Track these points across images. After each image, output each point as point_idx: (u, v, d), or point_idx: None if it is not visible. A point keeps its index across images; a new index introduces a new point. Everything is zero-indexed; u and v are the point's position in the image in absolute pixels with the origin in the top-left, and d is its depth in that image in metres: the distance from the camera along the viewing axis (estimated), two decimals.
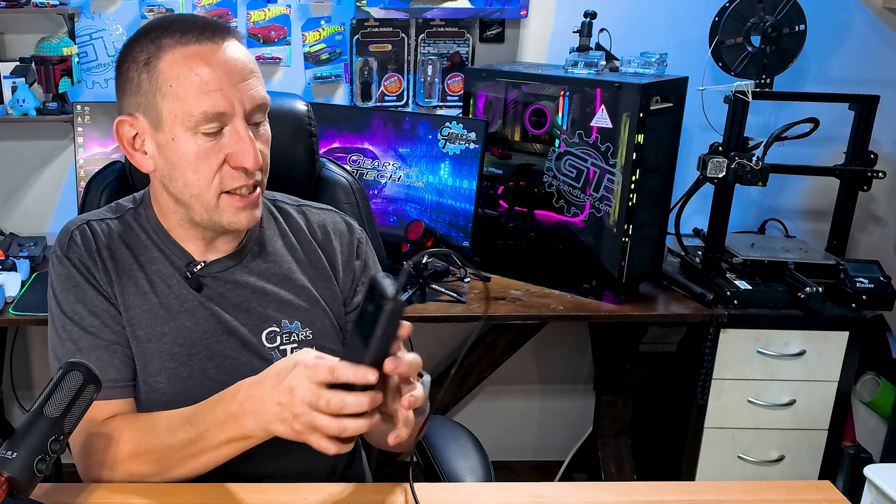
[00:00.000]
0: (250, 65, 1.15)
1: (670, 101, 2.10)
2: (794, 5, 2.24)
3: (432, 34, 2.50)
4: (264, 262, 1.28)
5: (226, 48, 1.13)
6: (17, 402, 2.66)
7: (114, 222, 1.26)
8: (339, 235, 1.33)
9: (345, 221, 1.35)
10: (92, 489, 1.13)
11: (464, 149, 2.21)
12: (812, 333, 2.20)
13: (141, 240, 1.25)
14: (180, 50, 1.12)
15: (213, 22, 1.16)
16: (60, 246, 1.23)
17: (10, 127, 2.45)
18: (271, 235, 1.30)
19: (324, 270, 1.30)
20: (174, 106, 1.12)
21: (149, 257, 1.24)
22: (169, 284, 1.23)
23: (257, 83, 1.15)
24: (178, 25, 1.14)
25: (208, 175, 1.14)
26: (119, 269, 1.22)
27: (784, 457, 2.30)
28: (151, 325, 1.21)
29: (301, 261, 1.30)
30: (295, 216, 1.34)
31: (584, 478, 2.79)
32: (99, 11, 2.40)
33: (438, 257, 2.20)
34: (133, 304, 1.21)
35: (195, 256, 1.24)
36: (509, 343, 2.65)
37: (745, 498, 1.16)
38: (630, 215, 2.08)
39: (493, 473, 1.43)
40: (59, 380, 0.98)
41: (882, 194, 2.65)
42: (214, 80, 1.11)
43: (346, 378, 0.96)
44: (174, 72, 1.11)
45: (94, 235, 1.24)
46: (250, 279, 1.26)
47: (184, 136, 1.13)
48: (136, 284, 1.22)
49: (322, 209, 1.37)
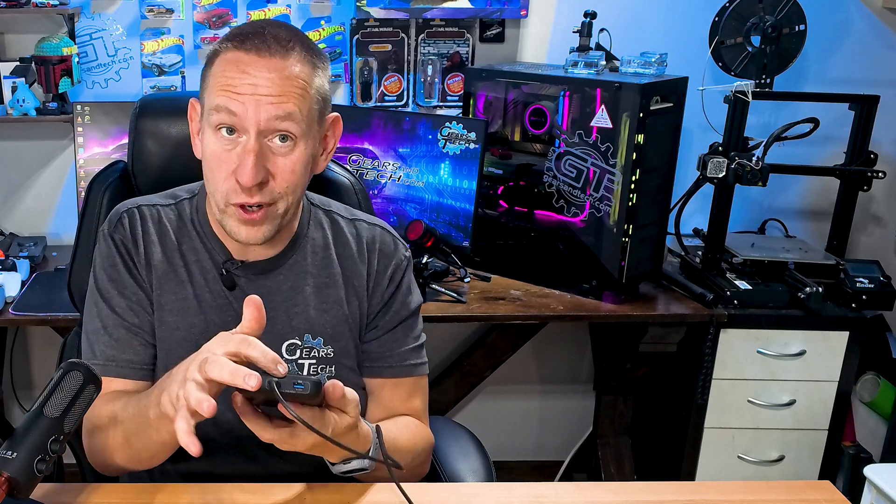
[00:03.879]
0: (288, 88, 1.12)
1: (670, 101, 2.10)
2: (794, 5, 2.24)
3: (432, 34, 2.50)
4: (302, 271, 1.27)
5: (272, 62, 1.12)
6: (17, 402, 2.66)
7: (165, 209, 1.28)
8: (382, 255, 1.31)
9: (394, 242, 1.33)
10: (92, 489, 1.13)
11: (464, 149, 2.21)
12: (812, 333, 2.20)
13: (188, 229, 1.26)
14: (230, 53, 1.13)
15: (279, 36, 1.14)
16: (109, 224, 1.26)
17: (10, 127, 2.45)
18: (317, 246, 1.29)
19: (360, 287, 1.29)
20: (208, 99, 1.15)
21: (191, 247, 1.26)
22: (206, 278, 1.25)
23: (283, 107, 1.11)
24: (248, 29, 1.15)
25: (220, 178, 1.15)
26: (160, 254, 1.24)
27: (784, 457, 2.30)
28: (182, 314, 1.23)
29: (339, 275, 1.29)
30: (346, 229, 1.32)
31: (584, 478, 2.79)
32: (99, 11, 2.40)
33: (438, 257, 2.20)
34: (168, 290, 1.24)
35: (234, 254, 1.25)
36: (509, 343, 2.65)
37: (745, 498, 1.16)
38: (630, 215, 2.08)
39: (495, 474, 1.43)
40: (59, 380, 0.98)
41: (882, 194, 2.65)
42: (238, 86, 1.11)
43: (254, 353, 0.96)
44: (218, 69, 1.14)
45: (143, 220, 1.26)
46: (284, 287, 1.26)
47: (209, 132, 1.15)
48: (176, 272, 1.24)
49: (374, 224, 1.34)
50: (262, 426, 1.00)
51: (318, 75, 1.16)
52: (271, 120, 1.11)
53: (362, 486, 1.16)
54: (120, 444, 1.14)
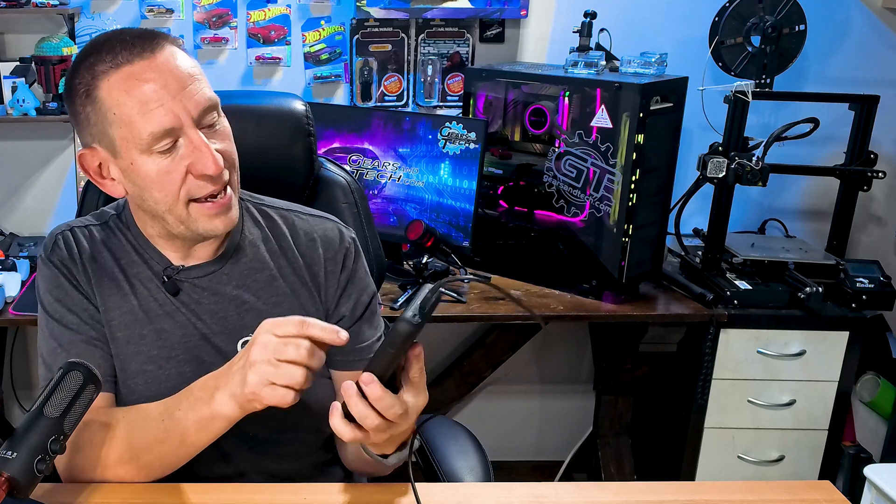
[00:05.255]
0: (188, 69, 1.12)
1: (670, 101, 2.10)
2: (794, 5, 2.24)
3: (432, 34, 2.50)
4: (245, 268, 1.26)
5: (159, 59, 1.10)
6: (17, 402, 2.66)
7: (96, 228, 1.27)
8: (325, 243, 1.29)
9: (337, 229, 1.31)
10: (92, 489, 1.13)
11: (464, 149, 2.21)
12: (812, 333, 2.20)
13: (122, 244, 1.25)
14: (114, 74, 1.10)
15: (142, 33, 1.13)
16: (45, 250, 1.25)
17: (10, 127, 2.45)
18: (254, 240, 1.28)
19: (305, 279, 1.28)
20: (123, 132, 1.11)
21: (129, 261, 1.24)
22: (148, 288, 1.23)
23: (200, 86, 1.12)
24: (109, 46, 1.11)
25: (174, 190, 1.13)
26: (100, 271, 1.23)
27: (784, 457, 2.30)
28: (130, 327, 1.22)
29: (283, 268, 1.27)
30: (279, 222, 1.30)
31: (584, 478, 2.79)
32: (99, 11, 2.40)
33: (438, 257, 2.20)
34: (112, 306, 1.22)
35: (174, 262, 1.24)
36: (509, 343, 2.65)
37: (745, 498, 1.16)
38: (630, 215, 2.08)
39: (493, 473, 1.43)
40: (59, 380, 0.98)
41: (882, 194, 2.65)
42: (154, 98, 1.09)
43: (316, 333, 0.97)
44: (113, 98, 1.10)
45: (76, 241, 1.25)
46: (229, 287, 1.25)
47: (141, 159, 1.12)
48: (118, 286, 1.23)
49: (312, 216, 1.33)
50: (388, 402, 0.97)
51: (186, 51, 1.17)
52: (199, 105, 1.11)
53: (362, 486, 1.16)
54: (122, 458, 1.12)
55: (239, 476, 1.24)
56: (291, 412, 1.04)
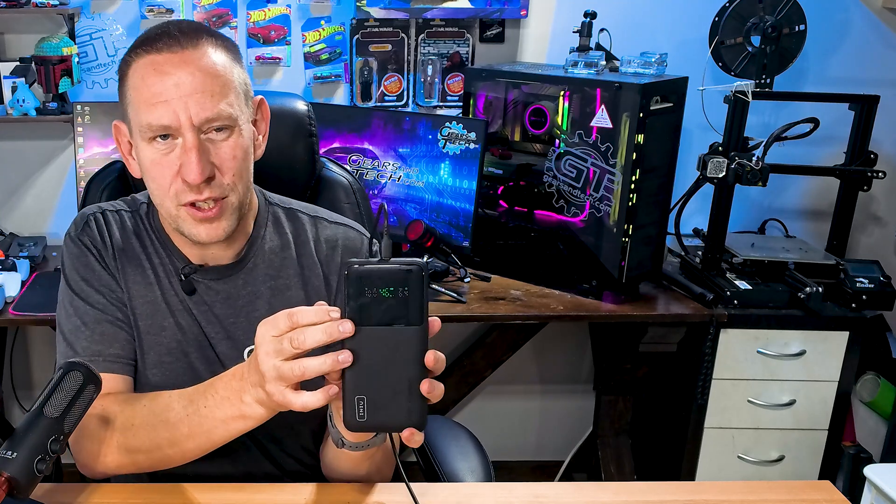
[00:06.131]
0: (212, 77, 1.11)
1: (670, 101, 2.10)
2: (794, 5, 2.24)
3: (432, 34, 2.50)
4: (263, 273, 1.26)
5: (187, 56, 1.10)
6: (17, 402, 2.66)
7: (127, 215, 1.28)
8: (347, 251, 1.29)
9: (360, 238, 1.31)
10: (92, 489, 1.13)
11: (464, 149, 2.21)
12: (812, 333, 2.20)
13: (149, 234, 1.26)
14: (143, 59, 1.12)
15: (189, 27, 1.13)
16: (75, 228, 1.26)
17: (10, 127, 2.45)
18: (275, 246, 1.28)
19: (320, 288, 1.28)
20: (134, 115, 1.14)
21: (155, 252, 1.25)
22: (171, 281, 1.24)
23: (213, 98, 1.10)
24: (153, 33, 1.13)
25: (164, 185, 1.14)
26: (127, 258, 1.24)
27: (784, 457, 2.30)
28: (152, 317, 1.23)
29: (301, 275, 1.28)
30: (307, 227, 1.30)
31: (584, 478, 2.79)
32: (99, 11, 2.40)
33: (438, 257, 2.20)
34: (137, 294, 1.23)
35: (192, 260, 1.24)
36: (509, 343, 2.65)
37: (745, 498, 1.16)
38: (630, 215, 2.08)
39: (494, 474, 1.43)
40: (59, 380, 0.98)
41: (882, 194, 2.65)
42: (163, 92, 1.09)
43: (308, 318, 0.93)
44: (134, 82, 1.12)
45: (107, 224, 1.26)
46: (243, 292, 1.25)
47: (142, 145, 1.14)
48: (143, 275, 1.24)
49: (337, 223, 1.32)
50: None
51: (235, 60, 1.16)
52: (205, 113, 1.10)
53: (362, 486, 1.16)
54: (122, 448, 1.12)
55: (240, 475, 1.24)
56: (292, 412, 1.04)
